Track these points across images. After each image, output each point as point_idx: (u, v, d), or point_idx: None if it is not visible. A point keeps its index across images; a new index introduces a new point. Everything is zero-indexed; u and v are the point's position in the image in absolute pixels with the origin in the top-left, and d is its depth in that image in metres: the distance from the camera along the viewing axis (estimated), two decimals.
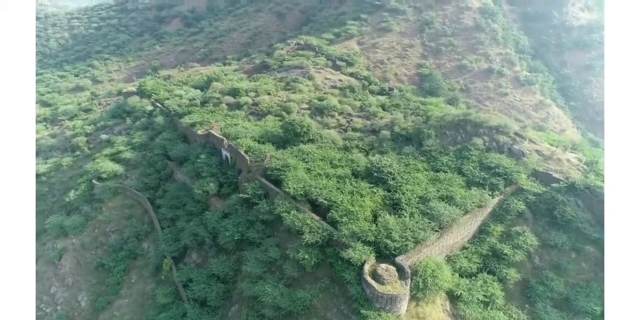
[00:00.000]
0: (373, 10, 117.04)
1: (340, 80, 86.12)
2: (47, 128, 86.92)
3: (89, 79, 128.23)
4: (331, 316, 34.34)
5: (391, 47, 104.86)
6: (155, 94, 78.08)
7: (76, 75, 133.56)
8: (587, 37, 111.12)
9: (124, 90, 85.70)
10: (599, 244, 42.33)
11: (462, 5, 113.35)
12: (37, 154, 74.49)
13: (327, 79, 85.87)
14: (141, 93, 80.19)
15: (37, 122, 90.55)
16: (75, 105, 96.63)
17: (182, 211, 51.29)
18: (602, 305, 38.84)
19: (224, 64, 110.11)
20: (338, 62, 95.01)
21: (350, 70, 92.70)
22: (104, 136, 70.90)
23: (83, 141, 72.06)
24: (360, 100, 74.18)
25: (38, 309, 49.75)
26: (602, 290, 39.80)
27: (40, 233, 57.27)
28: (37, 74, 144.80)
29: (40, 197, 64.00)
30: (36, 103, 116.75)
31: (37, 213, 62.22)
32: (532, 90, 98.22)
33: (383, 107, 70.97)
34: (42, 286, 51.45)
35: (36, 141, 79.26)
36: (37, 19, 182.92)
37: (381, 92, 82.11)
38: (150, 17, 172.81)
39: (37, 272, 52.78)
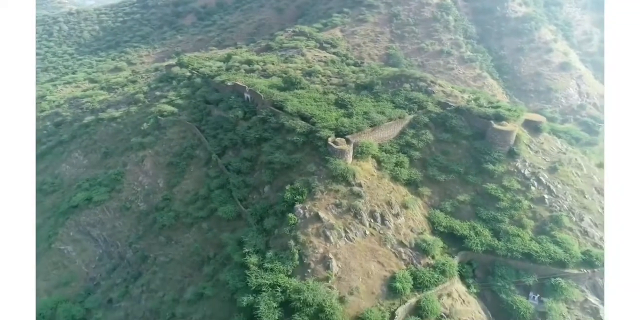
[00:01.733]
0: (354, 5, 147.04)
1: (325, 56, 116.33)
2: (107, 93, 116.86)
3: (124, 61, 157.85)
4: (311, 165, 64.47)
5: (366, 34, 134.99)
6: (191, 64, 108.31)
7: (113, 59, 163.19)
8: (521, 26, 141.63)
9: (165, 64, 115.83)
10: (470, 139, 72.75)
11: (424, 1, 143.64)
12: (109, 106, 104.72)
13: (315, 55, 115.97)
14: (180, 65, 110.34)
15: (100, 87, 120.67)
16: (123, 78, 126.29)
17: (220, 130, 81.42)
18: (465, 167, 69.25)
19: (236, 48, 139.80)
20: (324, 45, 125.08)
21: (333, 50, 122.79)
22: (157, 93, 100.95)
23: (142, 96, 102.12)
24: (338, 68, 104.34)
25: (132, 189, 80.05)
26: (468, 161, 70.13)
27: (126, 149, 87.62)
28: (77, 60, 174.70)
29: (119, 131, 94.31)
30: (84, 80, 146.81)
31: (119, 140, 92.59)
32: (473, 66, 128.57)
33: (353, 72, 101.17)
34: (133, 177, 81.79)
35: (105, 99, 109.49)
36: (70, 13, 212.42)
37: (355, 64, 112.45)
38: (168, 12, 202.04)
39: (128, 170, 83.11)
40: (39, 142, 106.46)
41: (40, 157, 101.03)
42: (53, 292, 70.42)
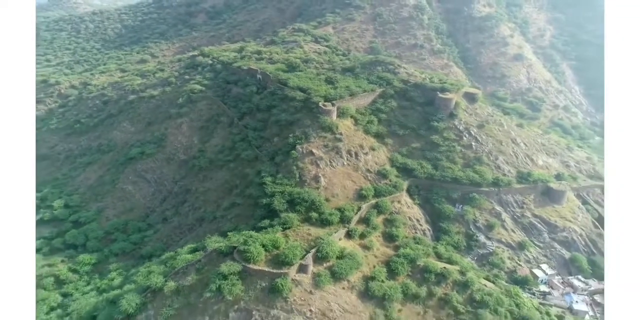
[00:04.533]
0: (344, 6, 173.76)
1: (319, 48, 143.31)
2: (142, 77, 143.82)
3: (148, 54, 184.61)
4: (307, 121, 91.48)
5: (354, 30, 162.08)
6: (211, 54, 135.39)
7: (137, 53, 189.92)
8: (483, 24, 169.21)
9: (189, 55, 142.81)
10: (423, 106, 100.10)
11: (402, 3, 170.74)
12: (147, 88, 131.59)
13: (311, 48, 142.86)
14: (202, 55, 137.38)
15: (134, 74, 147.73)
16: (152, 67, 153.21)
17: (239, 102, 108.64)
18: (418, 125, 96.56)
19: (246, 42, 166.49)
20: (319, 39, 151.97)
21: (326, 44, 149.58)
22: (186, 77, 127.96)
23: (174, 80, 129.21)
24: (329, 57, 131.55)
25: (173, 145, 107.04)
26: (420, 121, 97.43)
27: (165, 118, 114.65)
28: (104, 54, 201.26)
29: (158, 106, 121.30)
30: (116, 70, 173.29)
31: (158, 113, 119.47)
32: (441, 57, 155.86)
33: (341, 60, 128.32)
34: (174, 137, 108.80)
35: (142, 83, 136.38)
36: (94, 13, 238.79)
37: (342, 54, 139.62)
38: (182, 11, 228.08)
39: (169, 132, 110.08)
40: (90, 117, 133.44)
41: (93, 127, 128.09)
42: (121, 216, 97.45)
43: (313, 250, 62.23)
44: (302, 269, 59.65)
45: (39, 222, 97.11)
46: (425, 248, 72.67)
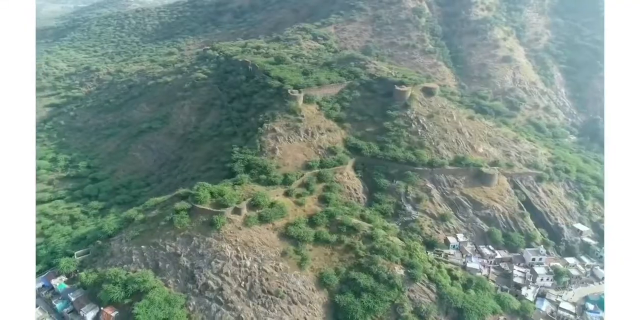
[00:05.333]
0: (348, 8, 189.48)
1: (315, 46, 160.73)
2: (164, 67, 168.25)
3: (176, 48, 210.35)
4: (277, 104, 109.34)
5: (353, 30, 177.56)
6: (219, 49, 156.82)
7: (167, 46, 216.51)
8: (478, 27, 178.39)
9: (204, 48, 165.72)
10: (383, 97, 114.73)
11: (402, 6, 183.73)
12: (164, 75, 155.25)
13: (308, 45, 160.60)
14: (212, 49, 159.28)
15: (159, 64, 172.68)
16: (174, 58, 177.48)
17: (231, 88, 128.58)
18: (375, 112, 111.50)
19: (257, 39, 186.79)
20: (318, 38, 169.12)
21: (324, 42, 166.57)
22: (195, 66, 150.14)
23: (186, 69, 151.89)
24: (319, 53, 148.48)
25: (175, 122, 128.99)
26: (378, 109, 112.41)
27: (173, 100, 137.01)
28: (141, 46, 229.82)
29: (170, 90, 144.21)
30: (147, 60, 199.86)
31: (169, 96, 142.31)
32: (431, 57, 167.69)
33: (327, 56, 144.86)
34: (177, 116, 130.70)
35: (162, 71, 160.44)
36: (137, 11, 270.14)
37: (334, 52, 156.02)
38: (211, 11, 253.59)
39: (174, 112, 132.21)
40: (117, 98, 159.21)
41: (119, 106, 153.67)
42: (127, 176, 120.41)
43: (248, 199, 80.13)
44: (237, 211, 77.54)
45: (67, 177, 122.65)
46: (352, 210, 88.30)
